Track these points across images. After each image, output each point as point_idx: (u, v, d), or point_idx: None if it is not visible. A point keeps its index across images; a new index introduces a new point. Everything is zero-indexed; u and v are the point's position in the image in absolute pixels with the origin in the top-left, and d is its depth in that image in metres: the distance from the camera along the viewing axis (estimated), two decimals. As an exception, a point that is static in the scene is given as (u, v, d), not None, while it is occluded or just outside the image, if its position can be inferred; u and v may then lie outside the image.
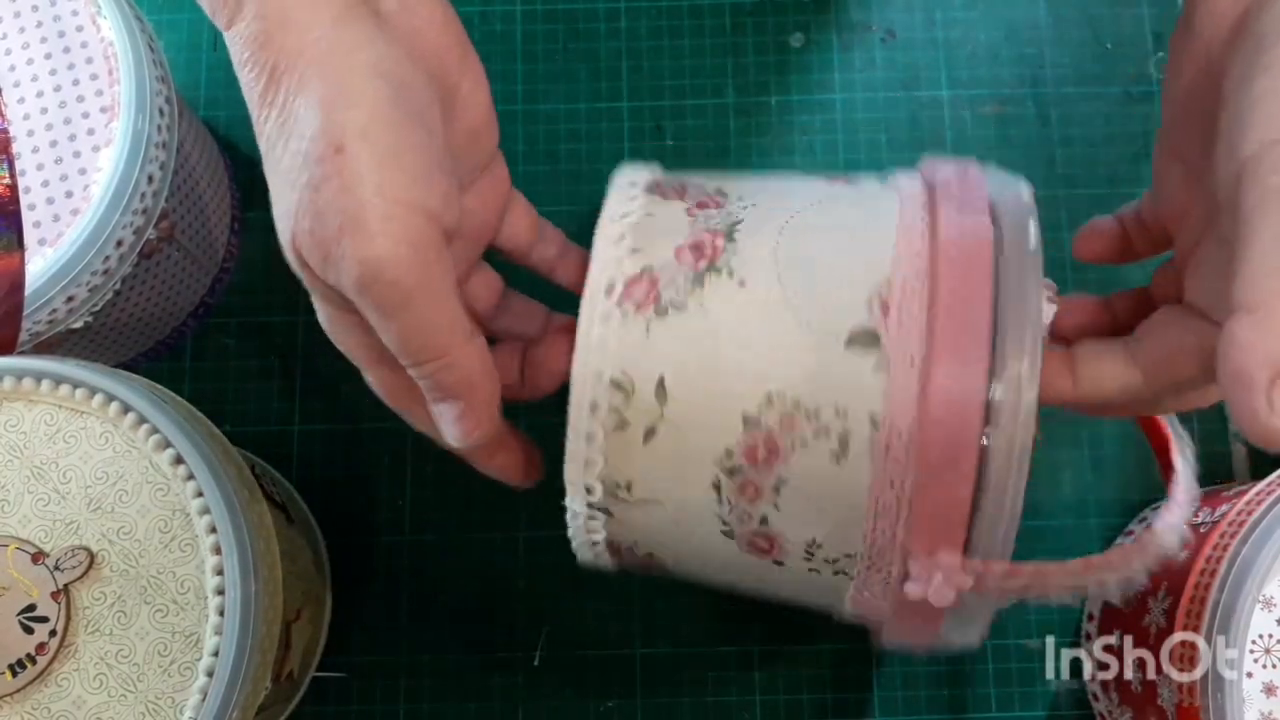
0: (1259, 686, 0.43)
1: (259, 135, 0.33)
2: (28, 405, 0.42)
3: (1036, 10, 0.63)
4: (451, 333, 0.34)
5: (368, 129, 0.31)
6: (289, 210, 0.32)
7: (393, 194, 0.31)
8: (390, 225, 0.31)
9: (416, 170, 0.32)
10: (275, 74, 0.32)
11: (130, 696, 0.40)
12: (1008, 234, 0.36)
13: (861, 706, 0.56)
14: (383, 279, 0.31)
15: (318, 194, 0.31)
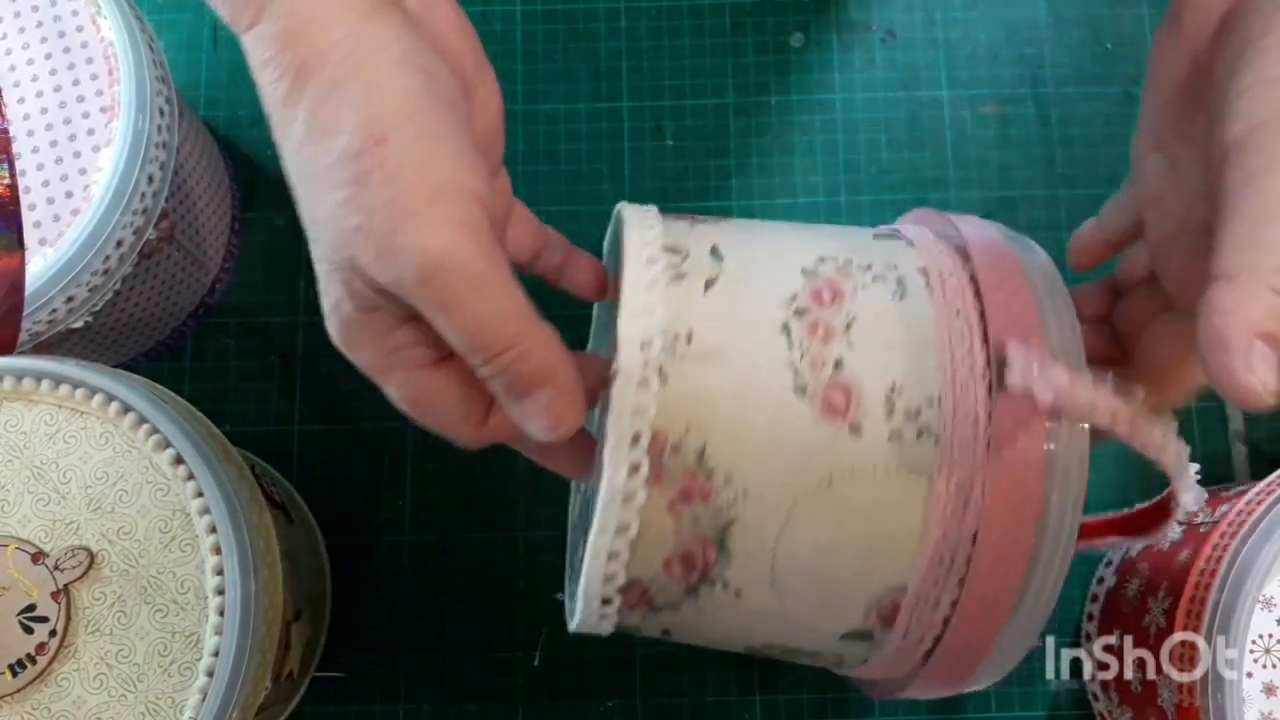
0: (1259, 686, 0.43)
1: (283, 138, 0.32)
2: (28, 405, 0.42)
3: (1036, 10, 0.63)
4: (522, 318, 0.32)
5: (408, 118, 0.31)
6: (332, 211, 0.31)
7: (441, 179, 0.31)
8: (445, 210, 0.30)
9: (459, 155, 0.31)
10: (302, 73, 0.31)
11: (130, 696, 0.40)
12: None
13: (862, 706, 0.56)
14: (446, 266, 0.30)
15: (364, 188, 0.30)
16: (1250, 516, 0.44)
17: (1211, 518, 0.48)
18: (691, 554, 0.35)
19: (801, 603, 0.36)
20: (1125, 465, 0.57)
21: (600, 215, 0.61)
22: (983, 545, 0.33)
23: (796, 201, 0.61)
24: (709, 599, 0.36)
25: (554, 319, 0.34)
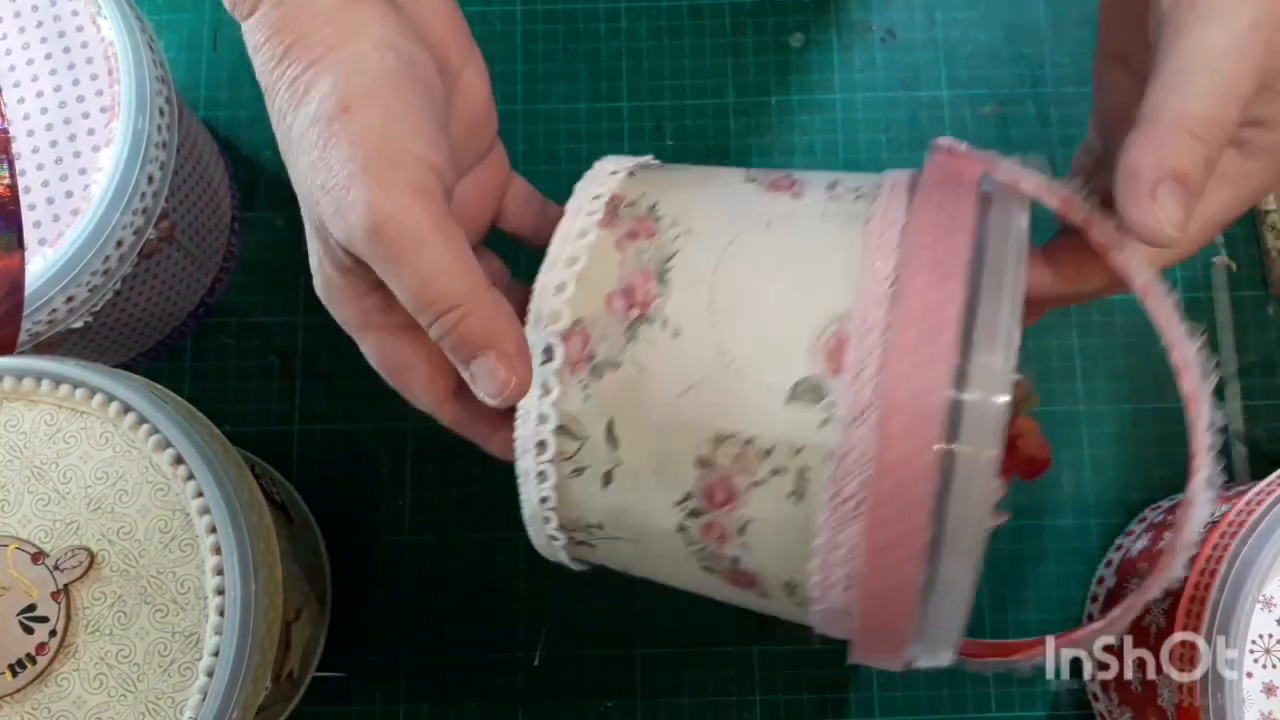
0: (1259, 686, 0.43)
1: (271, 109, 0.35)
2: (28, 405, 0.42)
3: (1036, 10, 0.63)
4: (468, 279, 0.33)
5: (374, 89, 0.33)
6: (305, 173, 0.34)
7: (398, 144, 0.33)
8: (397, 172, 0.32)
9: (421, 129, 0.33)
10: (289, 50, 0.33)
11: (130, 696, 0.40)
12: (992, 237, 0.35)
13: (862, 706, 0.56)
14: (393, 223, 0.32)
15: (327, 151, 0.33)
16: (1250, 516, 0.44)
17: (1211, 518, 0.48)
18: (633, 287, 0.37)
19: (743, 340, 0.35)
20: (1126, 465, 0.57)
21: (600, 215, 0.61)
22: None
23: (796, 201, 0.61)
24: (648, 346, 0.36)
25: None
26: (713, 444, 0.35)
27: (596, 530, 0.39)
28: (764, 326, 0.35)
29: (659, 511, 0.37)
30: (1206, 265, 0.60)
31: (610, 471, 0.37)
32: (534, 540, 0.41)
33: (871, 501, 0.33)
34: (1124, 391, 0.58)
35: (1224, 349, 0.59)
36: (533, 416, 0.37)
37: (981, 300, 0.33)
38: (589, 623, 0.57)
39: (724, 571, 0.37)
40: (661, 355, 0.36)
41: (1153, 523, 0.54)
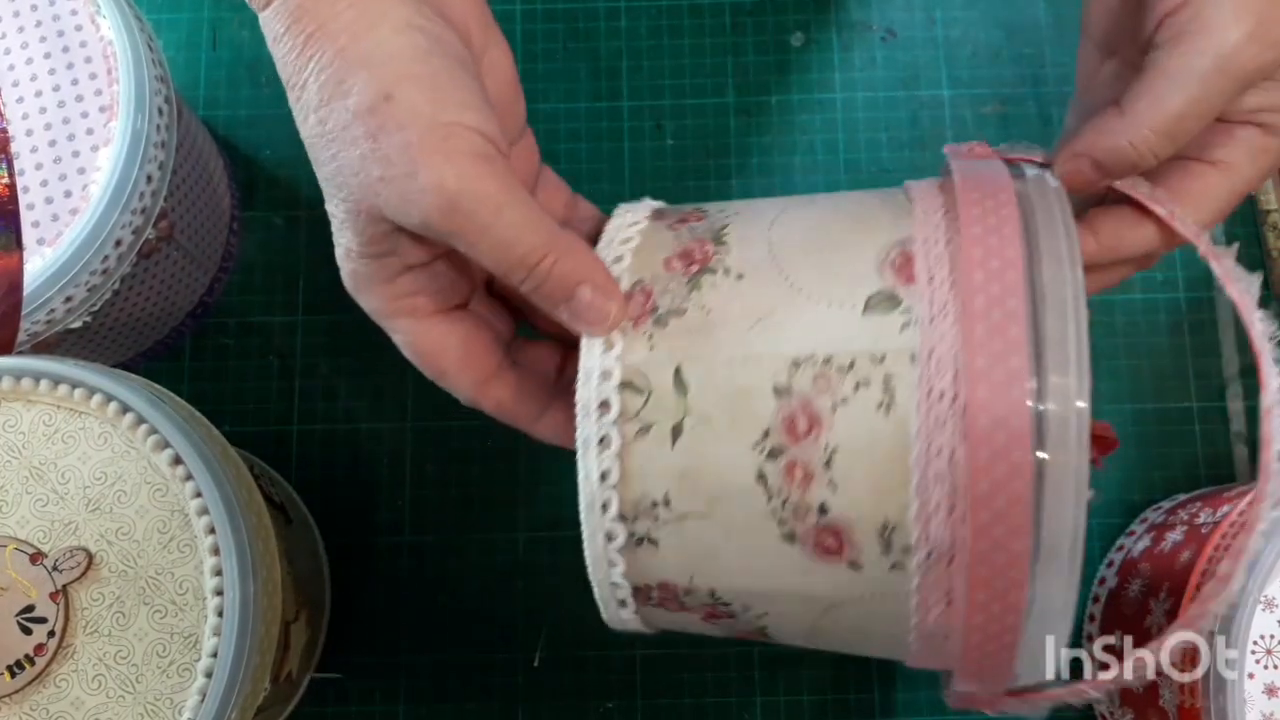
0: (1260, 687, 0.43)
1: (297, 104, 0.34)
2: (26, 405, 0.42)
3: (1037, 10, 0.63)
4: (545, 229, 0.34)
5: (411, 72, 0.33)
6: (354, 167, 0.33)
7: (449, 120, 0.33)
8: (456, 145, 0.33)
9: (467, 102, 0.34)
10: (310, 43, 0.33)
11: (129, 697, 0.40)
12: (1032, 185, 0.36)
13: (862, 707, 0.56)
14: (466, 196, 0.33)
15: (379, 141, 0.33)
16: (1252, 517, 0.44)
17: (1213, 518, 0.48)
18: (690, 250, 0.37)
19: (809, 272, 0.35)
20: (1126, 466, 0.57)
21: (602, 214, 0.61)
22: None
23: (797, 201, 0.61)
24: (712, 291, 0.36)
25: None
26: (790, 369, 0.34)
27: (662, 510, 0.36)
28: (828, 258, 0.35)
29: (734, 459, 0.34)
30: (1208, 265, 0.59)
31: (679, 424, 0.35)
32: (593, 575, 0.39)
33: (968, 495, 0.32)
34: (1124, 392, 0.58)
35: (1225, 349, 0.59)
36: (594, 375, 0.36)
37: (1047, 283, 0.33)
38: (589, 623, 0.56)
39: (808, 535, 0.34)
40: (726, 297, 0.36)
41: (1154, 523, 0.54)
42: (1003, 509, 0.32)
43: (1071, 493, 0.32)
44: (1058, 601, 0.33)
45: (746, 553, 0.36)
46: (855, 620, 0.36)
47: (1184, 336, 0.59)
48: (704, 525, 0.36)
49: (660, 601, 0.39)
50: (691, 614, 0.39)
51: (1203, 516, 0.49)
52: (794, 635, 0.39)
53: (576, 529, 0.58)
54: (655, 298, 0.36)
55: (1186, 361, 0.59)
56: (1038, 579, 0.32)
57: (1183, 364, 0.59)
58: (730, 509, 0.35)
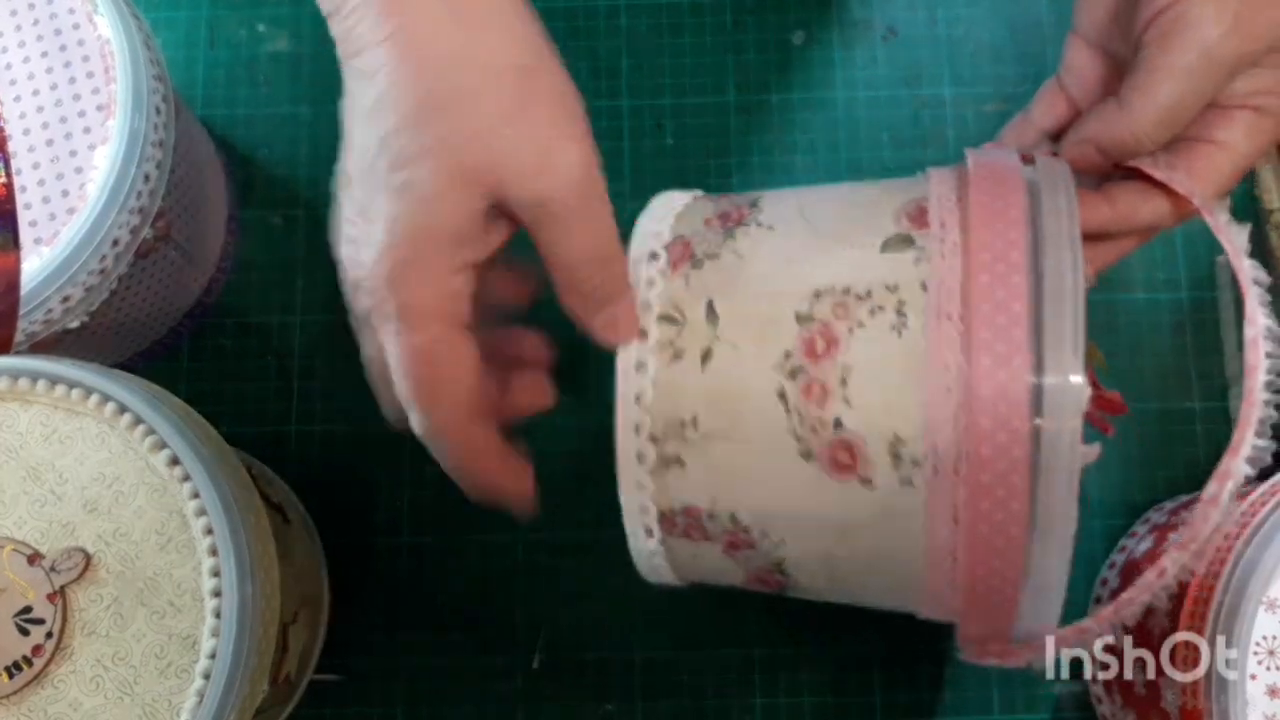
0: (1263, 689, 0.43)
1: (401, 67, 0.36)
2: (23, 406, 0.42)
3: (1038, 8, 0.63)
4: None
5: (547, 52, 0.36)
6: (486, 124, 0.35)
7: (576, 102, 0.37)
8: (583, 129, 0.36)
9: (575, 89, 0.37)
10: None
11: (127, 699, 0.40)
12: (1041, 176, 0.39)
13: (863, 710, 0.56)
14: (592, 177, 0.36)
15: (526, 110, 0.35)
16: (1254, 518, 0.44)
17: (1215, 519, 0.48)
18: (728, 212, 0.42)
19: (833, 223, 0.39)
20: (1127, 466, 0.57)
21: (600, 214, 0.60)
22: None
23: (797, 201, 0.61)
24: (745, 238, 0.40)
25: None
26: (811, 299, 0.37)
27: (690, 431, 0.39)
28: (851, 212, 0.40)
29: (757, 379, 0.38)
30: (1210, 264, 0.59)
31: (709, 348, 0.38)
32: (624, 499, 0.41)
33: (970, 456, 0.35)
34: (1126, 391, 0.58)
35: (1227, 349, 0.59)
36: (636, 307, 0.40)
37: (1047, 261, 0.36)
38: (588, 625, 0.57)
39: (824, 451, 0.37)
40: (757, 242, 0.40)
41: (1156, 524, 0.54)
42: (1004, 415, 0.34)
43: (1070, 408, 0.34)
44: (1058, 523, 0.35)
45: (765, 471, 0.38)
46: (869, 544, 0.38)
47: (1186, 336, 0.59)
48: (728, 445, 0.38)
49: (685, 530, 0.41)
50: (714, 543, 0.41)
51: (1205, 517, 0.48)
52: (812, 573, 0.41)
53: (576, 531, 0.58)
54: (694, 246, 0.40)
55: (1189, 361, 0.59)
56: (1038, 494, 0.35)
57: (1185, 364, 0.59)
58: (752, 427, 0.38)
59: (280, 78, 0.62)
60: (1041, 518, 0.35)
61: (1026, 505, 0.35)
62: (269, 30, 0.63)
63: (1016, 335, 0.34)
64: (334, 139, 0.62)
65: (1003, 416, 0.34)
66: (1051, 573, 0.36)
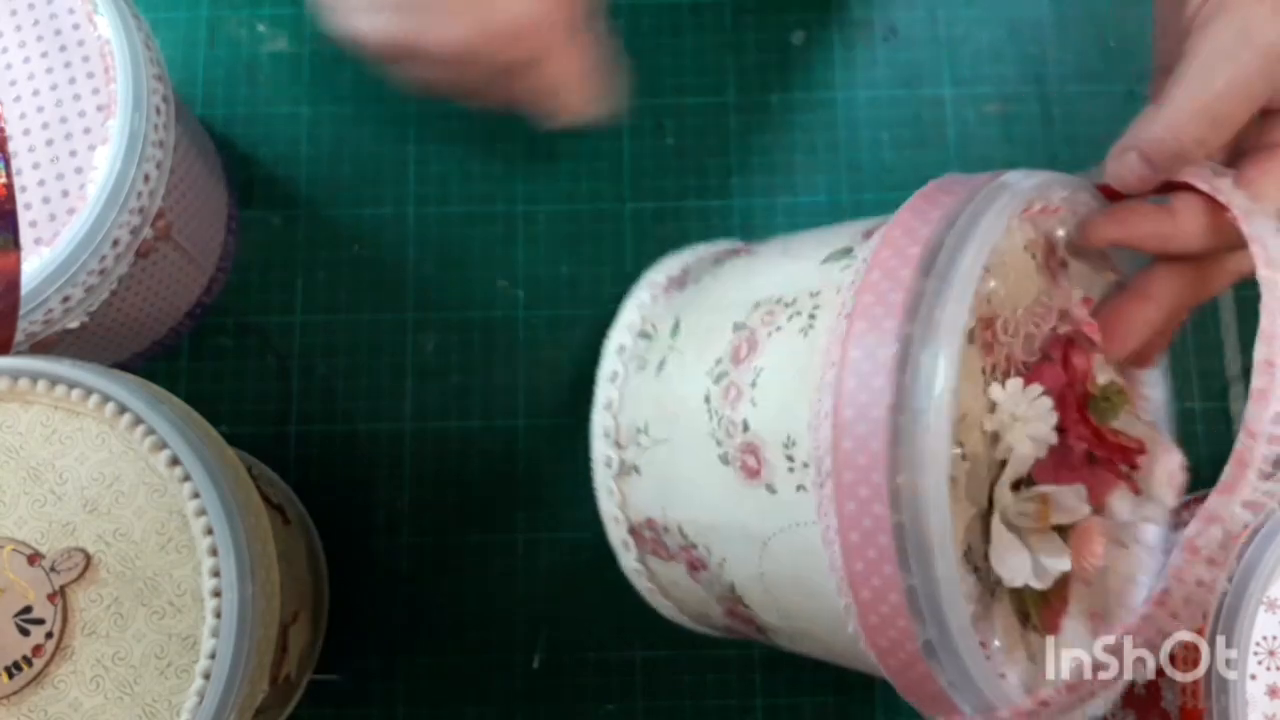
0: (1263, 689, 0.43)
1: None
2: (23, 406, 0.42)
3: (1039, 8, 0.63)
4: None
5: None
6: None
7: None
8: None
9: None
10: None
11: (127, 699, 0.40)
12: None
13: (864, 709, 0.56)
14: None
15: None
16: (1254, 518, 0.44)
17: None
18: (737, 249, 0.45)
19: (803, 247, 0.41)
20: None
21: (600, 214, 0.61)
22: None
23: (798, 200, 0.61)
24: (728, 265, 0.44)
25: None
26: (750, 309, 0.39)
27: (643, 437, 0.41)
28: (825, 235, 0.41)
29: (693, 384, 0.39)
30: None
31: (664, 359, 0.41)
32: (601, 509, 0.44)
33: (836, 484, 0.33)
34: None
35: (1228, 349, 0.59)
36: (623, 325, 0.44)
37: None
38: (588, 625, 0.57)
39: (736, 454, 0.37)
40: (735, 268, 0.42)
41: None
42: (864, 404, 0.32)
43: (937, 398, 0.32)
44: (934, 543, 0.31)
45: (695, 477, 0.39)
46: (788, 564, 0.37)
47: (1186, 336, 0.59)
48: (667, 450, 0.40)
49: (653, 547, 0.43)
50: (677, 562, 0.42)
51: (1205, 517, 0.48)
52: (761, 604, 0.40)
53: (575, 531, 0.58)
54: (689, 275, 0.44)
55: (1189, 361, 0.59)
56: (905, 499, 0.32)
57: (1185, 364, 0.59)
58: (684, 430, 0.39)
59: (280, 78, 0.62)
60: (914, 532, 0.32)
61: (888, 509, 0.32)
62: (269, 30, 0.63)
63: (888, 325, 0.32)
64: (334, 139, 0.62)
65: (863, 406, 0.32)
66: (953, 624, 0.32)
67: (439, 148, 0.61)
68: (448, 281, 0.60)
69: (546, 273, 0.60)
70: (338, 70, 0.63)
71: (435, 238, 0.60)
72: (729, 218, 0.60)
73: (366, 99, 0.62)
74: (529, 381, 0.59)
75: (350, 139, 0.62)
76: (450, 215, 0.61)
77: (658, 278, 0.45)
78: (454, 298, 0.60)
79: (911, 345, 0.32)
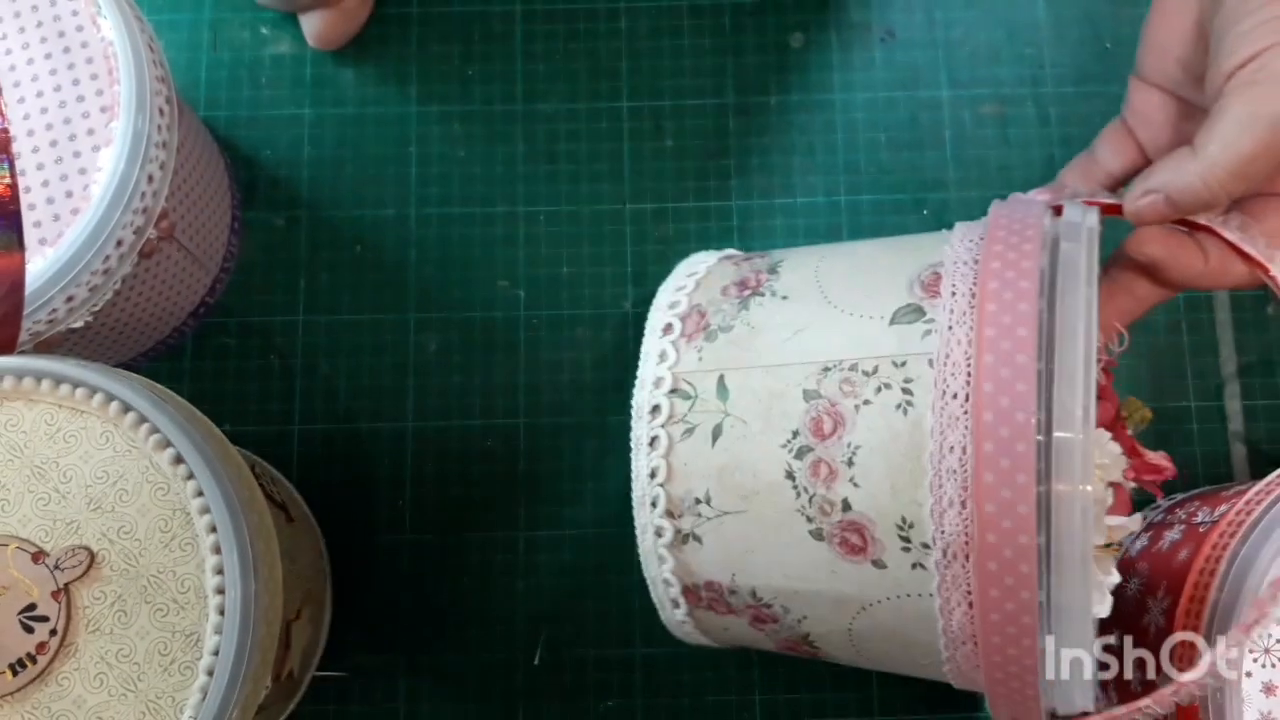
0: (1258, 686, 0.43)
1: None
2: (28, 405, 0.42)
3: (1036, 10, 0.63)
4: None
5: None
6: None
7: None
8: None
9: None
10: None
11: (130, 696, 0.40)
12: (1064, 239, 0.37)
13: (861, 705, 0.56)
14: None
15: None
16: (1249, 516, 0.44)
17: (1211, 517, 0.48)
18: (746, 279, 0.41)
19: (847, 293, 0.39)
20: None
21: (600, 215, 0.61)
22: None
23: (795, 201, 0.61)
24: (759, 309, 0.39)
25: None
26: (819, 374, 0.37)
27: (704, 507, 0.39)
28: (866, 279, 0.39)
29: (766, 457, 0.37)
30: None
31: (719, 425, 0.38)
32: (647, 571, 0.41)
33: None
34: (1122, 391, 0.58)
35: (1223, 348, 0.59)
36: (649, 383, 0.40)
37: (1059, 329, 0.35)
38: (589, 623, 0.57)
39: (834, 532, 0.36)
40: (770, 313, 0.39)
41: (1152, 522, 0.54)
42: (1009, 501, 0.33)
43: (1077, 511, 0.33)
44: (1076, 608, 0.34)
45: (779, 550, 0.38)
46: (888, 624, 0.38)
47: (1181, 335, 0.59)
48: (741, 521, 0.38)
49: (709, 603, 0.41)
50: (739, 616, 0.41)
51: (1200, 515, 0.49)
52: (839, 645, 0.40)
53: (577, 529, 0.58)
54: (709, 317, 0.40)
55: (1184, 360, 0.59)
56: (1050, 581, 0.33)
57: (1180, 363, 0.59)
58: (763, 506, 0.37)
59: (283, 80, 0.63)
60: (1057, 602, 0.34)
61: (1035, 593, 0.33)
62: (271, 33, 0.63)
63: (1019, 419, 0.33)
64: (336, 140, 0.62)
65: (1007, 502, 0.33)
66: (1074, 662, 0.35)
67: (440, 149, 0.62)
68: (449, 282, 0.60)
69: (547, 273, 0.60)
70: (340, 72, 0.63)
71: (436, 238, 0.61)
72: (728, 218, 0.61)
73: (368, 101, 0.62)
74: (530, 381, 0.59)
75: (352, 140, 0.62)
76: (451, 216, 0.61)
77: (669, 320, 0.41)
78: (455, 298, 0.60)
79: (1042, 435, 0.33)
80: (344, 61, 0.63)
